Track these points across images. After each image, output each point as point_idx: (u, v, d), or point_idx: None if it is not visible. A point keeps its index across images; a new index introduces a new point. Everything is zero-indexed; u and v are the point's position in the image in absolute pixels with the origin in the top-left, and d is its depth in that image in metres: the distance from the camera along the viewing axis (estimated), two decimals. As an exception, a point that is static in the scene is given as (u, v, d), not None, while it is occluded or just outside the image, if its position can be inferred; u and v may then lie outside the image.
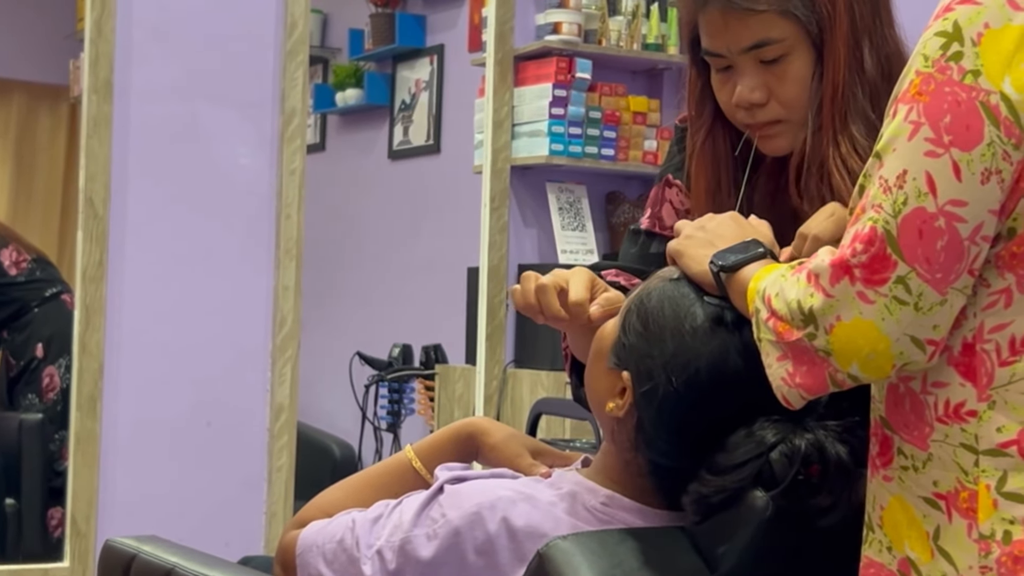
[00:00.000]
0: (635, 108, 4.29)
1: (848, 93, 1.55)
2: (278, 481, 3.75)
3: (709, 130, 1.66)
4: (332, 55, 6.19)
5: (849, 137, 1.55)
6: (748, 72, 1.57)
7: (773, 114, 1.58)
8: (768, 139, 1.61)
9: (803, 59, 1.56)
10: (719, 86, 1.61)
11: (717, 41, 1.58)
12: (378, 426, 5.22)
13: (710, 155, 1.66)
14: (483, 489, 1.46)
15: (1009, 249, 1.22)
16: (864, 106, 1.55)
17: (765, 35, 1.54)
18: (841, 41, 1.54)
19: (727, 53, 1.57)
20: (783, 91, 1.57)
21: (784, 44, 1.55)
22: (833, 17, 1.54)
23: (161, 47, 3.63)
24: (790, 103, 1.57)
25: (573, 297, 1.52)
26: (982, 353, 1.24)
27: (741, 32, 1.55)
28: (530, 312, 1.55)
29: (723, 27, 1.56)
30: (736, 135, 1.65)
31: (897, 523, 1.29)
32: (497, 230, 4.20)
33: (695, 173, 1.68)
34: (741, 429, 1.37)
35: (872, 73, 1.56)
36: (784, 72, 1.56)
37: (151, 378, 3.61)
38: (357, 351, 5.33)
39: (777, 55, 1.55)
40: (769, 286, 1.30)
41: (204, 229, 3.68)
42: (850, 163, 1.54)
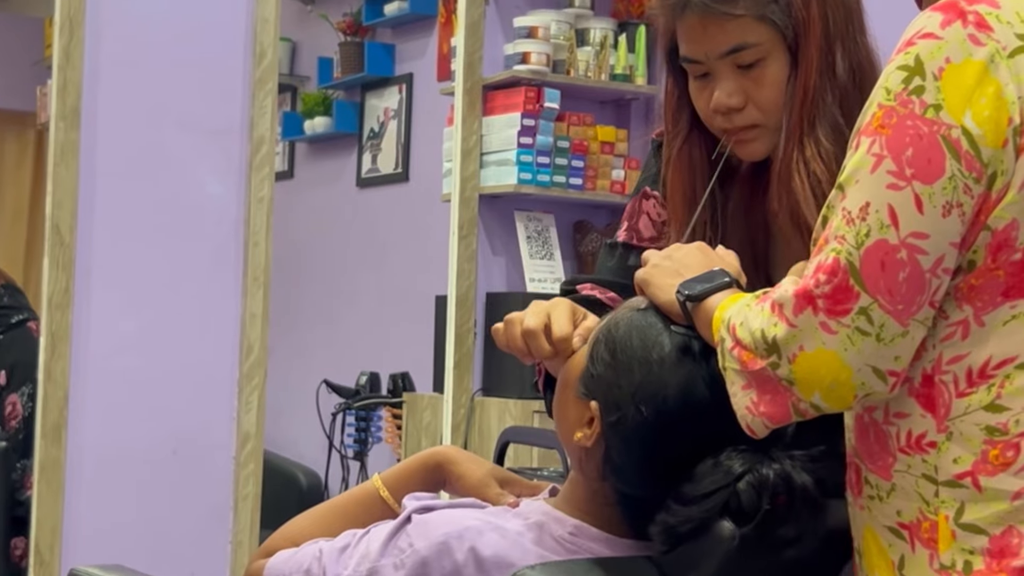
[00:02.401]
0: (603, 138, 4.31)
1: (818, 97, 1.57)
2: (244, 510, 3.73)
3: (686, 138, 1.68)
4: (301, 83, 6.19)
5: (815, 140, 1.57)
6: (725, 77, 1.59)
7: (750, 119, 1.60)
8: (745, 144, 1.63)
9: (779, 63, 1.58)
10: (697, 93, 1.63)
11: (695, 47, 1.60)
12: (345, 454, 5.20)
13: (687, 163, 1.68)
14: (451, 519, 1.46)
15: (968, 281, 1.24)
16: (833, 110, 1.58)
17: (742, 40, 1.57)
18: (814, 46, 1.57)
19: (705, 59, 1.60)
20: (760, 95, 1.59)
21: (761, 48, 1.57)
22: (807, 22, 1.56)
23: (129, 75, 3.63)
24: (766, 107, 1.59)
25: (558, 333, 1.52)
26: (940, 384, 1.25)
27: (719, 37, 1.57)
28: (518, 355, 1.55)
29: (701, 32, 1.58)
30: (712, 144, 1.67)
31: (870, 551, 1.30)
32: (465, 258, 4.20)
33: (671, 180, 1.70)
34: (708, 459, 1.37)
35: (843, 78, 1.58)
36: (761, 77, 1.58)
37: (116, 406, 3.59)
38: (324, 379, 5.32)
39: (754, 60, 1.58)
40: (734, 315, 1.31)
41: (171, 257, 3.67)
42: (812, 166, 1.56)
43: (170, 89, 3.68)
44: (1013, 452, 1.23)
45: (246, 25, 3.75)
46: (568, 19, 4.30)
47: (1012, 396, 1.23)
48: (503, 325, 1.56)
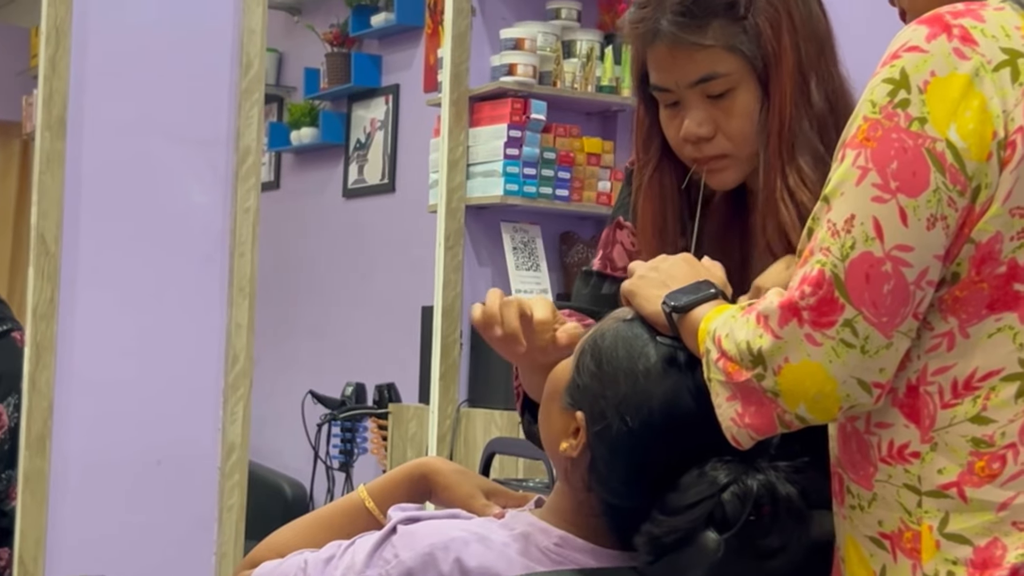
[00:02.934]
0: (589, 149, 4.32)
1: (795, 126, 1.57)
2: (229, 521, 3.72)
3: (656, 166, 1.69)
4: (287, 94, 6.20)
5: (796, 169, 1.57)
6: (695, 106, 1.60)
7: (720, 148, 1.61)
8: (715, 173, 1.63)
9: (749, 94, 1.58)
10: (667, 121, 1.64)
11: (665, 76, 1.60)
12: (330, 465, 5.20)
13: (657, 191, 1.69)
14: (436, 530, 1.46)
15: (952, 293, 1.24)
16: (812, 138, 1.58)
17: (712, 69, 1.57)
18: (787, 77, 1.57)
19: (675, 88, 1.60)
20: (729, 125, 1.59)
21: (730, 79, 1.58)
22: (779, 54, 1.57)
23: (115, 85, 3.62)
24: (736, 137, 1.60)
25: (539, 316, 1.52)
26: (925, 395, 1.26)
27: (688, 67, 1.58)
28: (489, 322, 1.54)
29: (671, 62, 1.59)
30: (683, 172, 1.67)
31: (851, 561, 1.31)
32: (451, 269, 4.21)
33: (642, 209, 1.70)
34: (693, 469, 1.38)
35: (819, 107, 1.59)
36: (730, 106, 1.59)
37: (101, 417, 3.58)
38: (310, 390, 5.31)
39: (723, 89, 1.58)
40: (719, 327, 1.31)
41: (157, 267, 3.67)
42: (798, 195, 1.57)
43: (156, 99, 3.67)
44: (999, 464, 1.23)
45: (233, 35, 3.75)
46: (554, 31, 4.31)
47: (997, 408, 1.24)
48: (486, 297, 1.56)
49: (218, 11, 3.74)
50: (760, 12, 1.57)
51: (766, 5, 1.57)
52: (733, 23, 1.57)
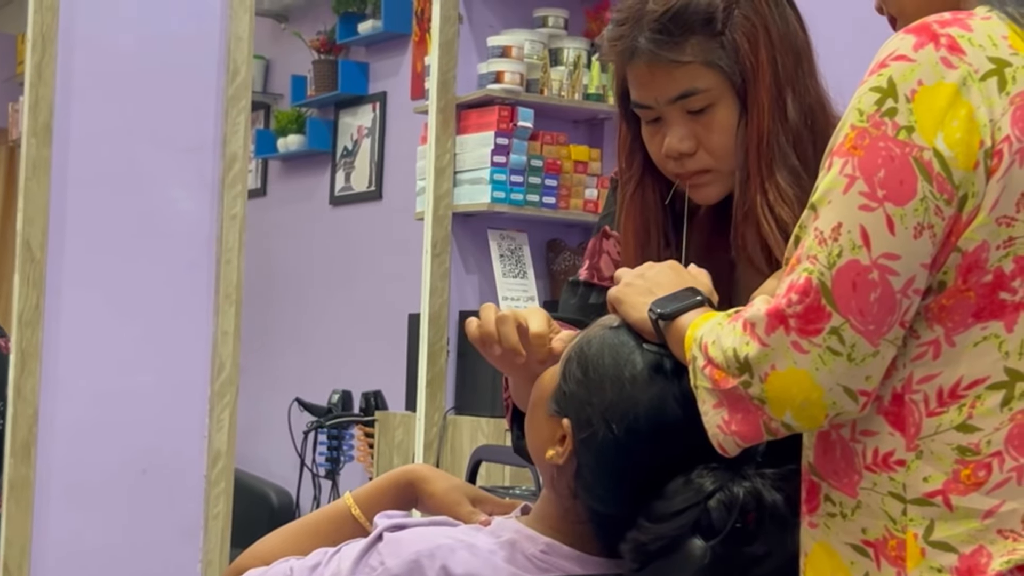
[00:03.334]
0: (576, 157, 4.33)
1: (772, 141, 1.58)
2: (215, 528, 3.71)
3: (639, 182, 1.69)
4: (274, 101, 6.19)
5: (775, 185, 1.58)
6: (676, 122, 1.60)
7: (702, 163, 1.61)
8: (698, 188, 1.64)
9: (728, 108, 1.59)
10: (649, 138, 1.64)
11: (645, 92, 1.61)
12: (316, 473, 5.19)
13: (639, 206, 1.69)
14: (422, 537, 1.46)
15: (939, 302, 1.25)
16: (788, 153, 1.59)
17: (690, 85, 1.58)
18: (764, 91, 1.57)
19: (655, 104, 1.61)
20: (710, 140, 1.60)
21: (710, 94, 1.58)
22: (756, 68, 1.57)
23: (102, 91, 3.62)
24: (717, 152, 1.60)
25: (535, 329, 1.52)
26: (911, 403, 1.26)
27: (667, 83, 1.58)
28: (487, 342, 1.54)
29: (650, 79, 1.60)
30: (666, 187, 1.68)
31: (820, 569, 1.30)
32: (438, 277, 4.21)
33: (624, 224, 1.71)
34: (679, 477, 1.38)
35: (795, 121, 1.59)
36: (710, 122, 1.59)
37: (87, 424, 3.58)
38: (296, 397, 5.31)
39: (703, 105, 1.59)
40: (706, 334, 1.31)
41: (143, 274, 3.66)
42: (777, 210, 1.57)
43: (143, 106, 3.67)
44: (985, 472, 1.24)
45: (220, 42, 3.75)
46: (542, 39, 4.32)
47: (983, 416, 1.24)
48: (480, 313, 1.56)
49: (205, 18, 3.74)
50: (737, 27, 1.57)
51: (743, 20, 1.58)
52: (711, 39, 1.57)
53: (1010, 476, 1.24)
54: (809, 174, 1.57)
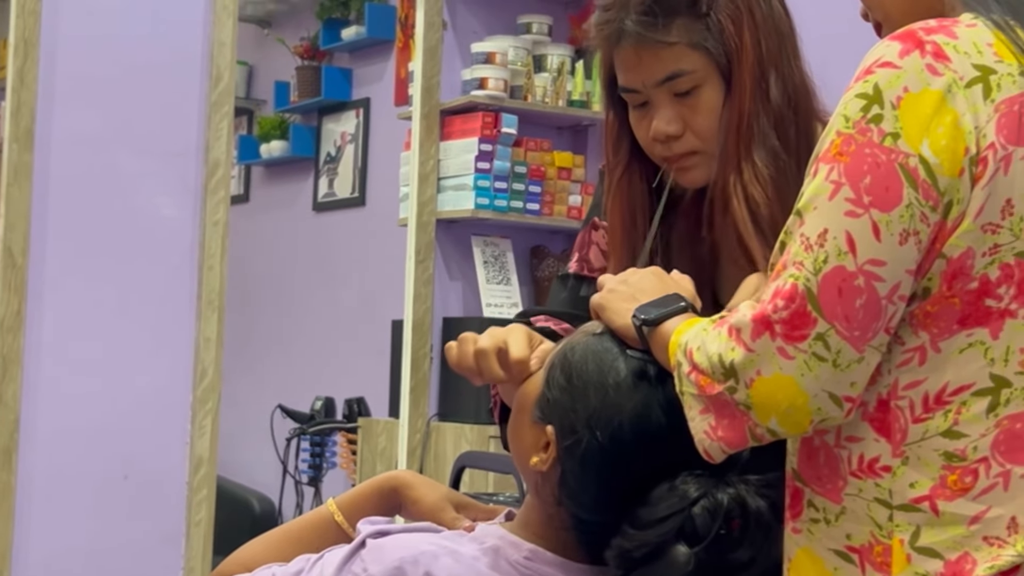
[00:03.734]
0: (560, 163, 4.33)
1: (753, 122, 1.59)
2: (196, 535, 3.70)
3: (626, 167, 1.70)
4: (257, 107, 6.19)
5: (751, 164, 1.59)
6: (663, 105, 1.61)
7: (689, 145, 1.62)
8: (685, 171, 1.64)
9: (714, 90, 1.60)
10: (636, 122, 1.65)
11: (632, 76, 1.62)
12: (299, 480, 5.18)
13: (626, 192, 1.70)
14: (406, 543, 1.45)
15: (923, 308, 1.25)
16: (768, 134, 1.60)
17: (677, 67, 1.59)
18: (748, 72, 1.59)
19: (642, 88, 1.62)
20: (697, 122, 1.61)
21: (696, 76, 1.59)
22: (740, 49, 1.59)
23: (84, 97, 3.61)
24: (704, 134, 1.61)
25: (516, 355, 1.52)
26: (896, 409, 1.26)
27: (654, 65, 1.60)
28: (467, 374, 1.55)
29: (637, 62, 1.61)
30: (652, 174, 1.69)
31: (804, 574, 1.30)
32: (422, 283, 4.20)
33: (611, 210, 1.71)
34: (664, 483, 1.37)
35: (778, 103, 1.60)
36: (697, 103, 1.60)
37: (68, 430, 3.56)
38: (279, 404, 5.29)
39: (690, 87, 1.60)
40: (691, 340, 1.31)
41: (125, 280, 3.65)
42: (750, 190, 1.58)
43: (125, 111, 3.66)
44: (971, 478, 1.24)
45: (203, 48, 3.74)
46: (526, 45, 4.32)
47: (969, 423, 1.24)
48: (457, 343, 1.56)
49: (188, 23, 3.74)
50: (721, 9, 1.59)
51: (727, 2, 1.59)
52: (696, 20, 1.59)
53: (996, 482, 1.24)
54: (790, 155, 1.59)
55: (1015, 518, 1.24)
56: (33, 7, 3.51)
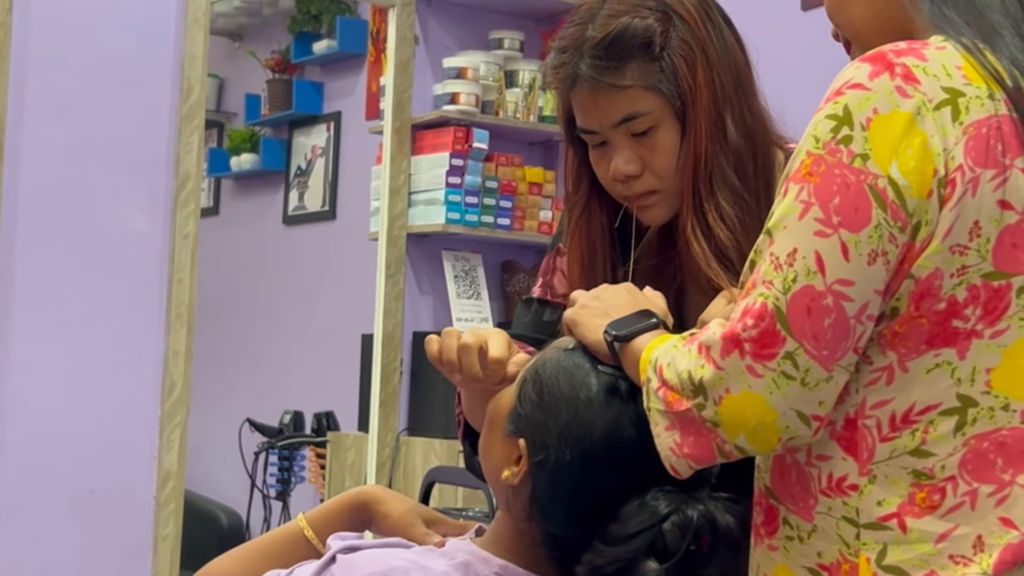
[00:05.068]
0: (531, 179, 4.34)
1: (711, 162, 1.60)
2: (164, 550, 3.68)
3: (585, 205, 1.71)
4: (228, 119, 6.17)
5: (715, 206, 1.60)
6: (621, 146, 1.62)
7: (648, 185, 1.63)
8: (645, 209, 1.66)
9: (671, 130, 1.61)
10: (596, 161, 1.67)
11: (589, 118, 1.64)
12: (267, 494, 5.16)
13: (585, 230, 1.71)
14: (376, 559, 1.45)
15: (892, 328, 1.26)
16: (728, 174, 1.61)
17: (632, 109, 1.60)
18: (702, 114, 1.60)
19: (600, 129, 1.63)
20: (655, 162, 1.62)
21: (652, 117, 1.61)
22: (694, 91, 1.60)
23: (54, 109, 3.59)
24: (662, 173, 1.62)
25: (494, 354, 1.52)
26: (863, 428, 1.27)
27: (610, 108, 1.61)
28: (447, 368, 1.55)
29: (593, 104, 1.62)
30: (613, 210, 1.70)
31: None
32: (392, 297, 4.20)
33: (571, 247, 1.73)
34: (634, 499, 1.38)
35: (735, 142, 1.61)
36: (654, 144, 1.62)
37: (35, 443, 3.54)
38: (247, 417, 5.27)
39: (646, 127, 1.61)
40: (661, 356, 1.32)
41: (94, 293, 3.63)
42: (716, 231, 1.59)
43: (95, 124, 3.65)
44: (939, 496, 1.25)
45: (173, 61, 3.73)
46: (497, 60, 4.34)
47: (936, 442, 1.25)
48: (440, 337, 1.56)
49: (158, 36, 3.73)
50: (675, 50, 1.60)
51: (680, 43, 1.60)
52: (650, 62, 1.60)
53: (964, 500, 1.25)
54: (750, 194, 1.60)
55: (981, 537, 1.25)
56: (3, 20, 3.50)
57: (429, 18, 4.36)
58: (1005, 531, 1.24)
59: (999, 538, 1.24)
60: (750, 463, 1.35)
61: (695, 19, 1.61)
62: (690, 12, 1.61)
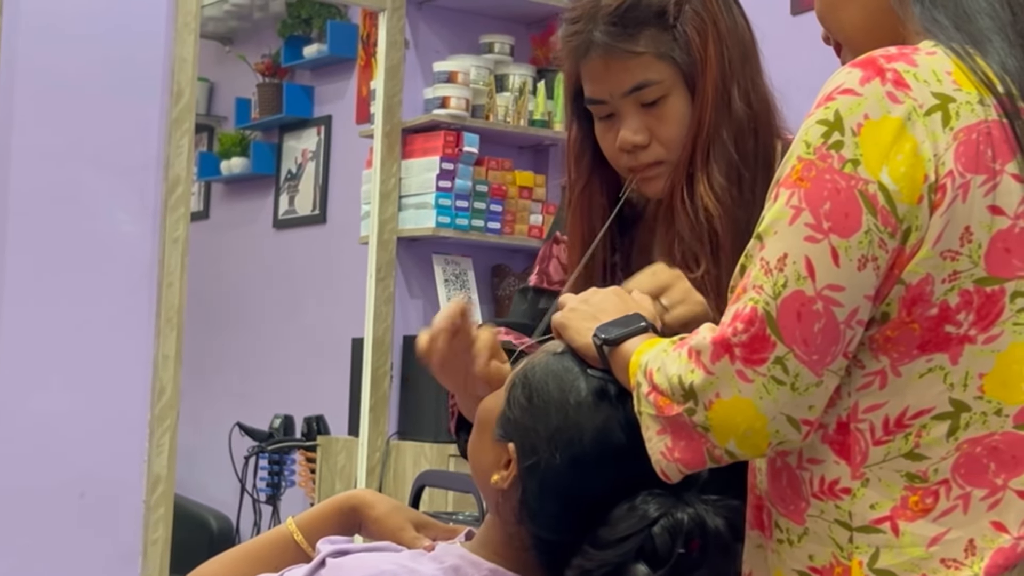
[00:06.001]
0: (521, 182, 4.34)
1: (713, 132, 1.62)
2: (153, 554, 3.67)
3: (587, 182, 1.72)
4: (218, 123, 6.17)
5: (707, 174, 1.62)
6: (630, 115, 1.64)
7: (654, 155, 1.65)
8: (649, 181, 1.67)
9: (681, 100, 1.63)
10: (602, 133, 1.68)
11: (600, 87, 1.65)
12: (257, 498, 5.15)
13: (587, 206, 1.72)
14: (365, 563, 1.45)
15: (883, 333, 1.26)
16: (727, 145, 1.62)
17: (644, 77, 1.62)
18: (711, 83, 1.62)
19: (609, 98, 1.64)
20: (663, 132, 1.63)
21: (663, 85, 1.62)
22: (705, 60, 1.62)
23: (44, 112, 3.59)
24: (669, 144, 1.64)
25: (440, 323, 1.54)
26: (856, 432, 1.27)
27: (622, 76, 1.62)
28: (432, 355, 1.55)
29: (605, 72, 1.63)
30: (613, 189, 1.71)
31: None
32: (383, 301, 4.20)
33: (571, 224, 1.74)
34: (624, 503, 1.38)
35: (739, 115, 1.63)
36: (663, 113, 1.63)
37: (24, 447, 3.53)
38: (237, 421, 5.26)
39: (656, 96, 1.63)
40: (651, 360, 1.32)
41: (83, 296, 3.63)
42: (704, 200, 1.61)
43: (85, 127, 3.64)
44: (932, 499, 1.25)
45: (164, 64, 3.73)
46: (488, 65, 4.34)
47: (929, 446, 1.25)
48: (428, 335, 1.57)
49: (149, 40, 3.72)
50: (688, 20, 1.62)
51: (693, 15, 1.62)
52: (663, 31, 1.62)
53: (956, 504, 1.25)
54: (748, 168, 1.62)
55: (973, 541, 1.25)
56: (-7, 21, 3.50)
57: (419, 22, 4.36)
58: (997, 535, 1.25)
59: (991, 542, 1.25)
60: (740, 466, 1.35)
61: None
62: None
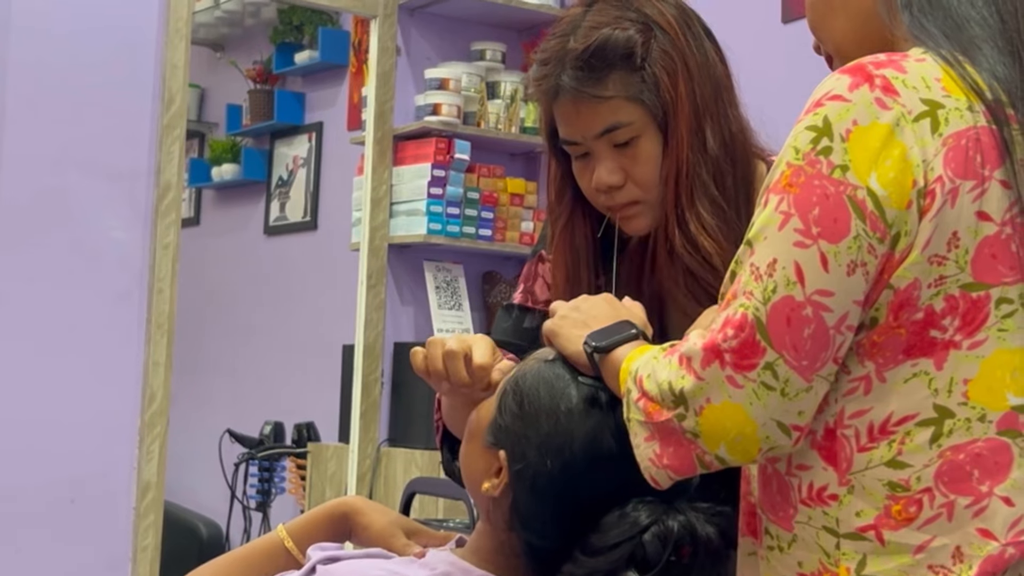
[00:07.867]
0: (512, 190, 4.35)
1: (692, 172, 1.61)
2: (143, 561, 3.66)
3: (569, 217, 1.72)
4: (209, 130, 6.16)
5: (696, 216, 1.61)
6: (604, 156, 1.63)
7: (630, 195, 1.64)
8: (629, 220, 1.66)
9: (653, 141, 1.62)
10: (579, 173, 1.67)
11: (572, 129, 1.64)
12: (247, 505, 5.14)
13: (569, 242, 1.72)
14: (356, 569, 1.45)
15: (870, 338, 1.26)
16: (708, 184, 1.62)
17: (614, 120, 1.61)
18: (683, 124, 1.61)
19: (582, 140, 1.64)
20: (637, 172, 1.63)
21: (634, 127, 1.61)
22: (676, 101, 1.61)
23: (34, 118, 3.58)
24: (644, 184, 1.63)
25: (479, 360, 1.52)
26: (842, 438, 1.27)
27: (592, 119, 1.62)
28: (434, 378, 1.55)
29: (575, 115, 1.63)
30: (596, 222, 1.71)
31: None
32: (373, 308, 4.20)
33: (555, 260, 1.73)
34: (615, 510, 1.38)
35: (715, 152, 1.62)
36: (636, 154, 1.62)
37: (13, 453, 3.52)
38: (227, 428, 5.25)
39: (628, 138, 1.62)
40: (641, 367, 1.32)
41: (74, 302, 3.62)
42: (699, 241, 1.60)
43: (76, 133, 3.64)
44: (915, 508, 1.25)
45: (155, 71, 3.72)
46: (479, 72, 4.34)
47: (912, 453, 1.26)
48: (425, 347, 1.56)
49: (140, 46, 3.72)
50: (656, 61, 1.61)
51: (661, 54, 1.61)
52: (631, 73, 1.61)
53: (940, 512, 1.25)
54: (729, 205, 1.61)
55: (960, 548, 1.25)
56: (-16, 27, 3.49)
57: (411, 29, 4.36)
58: (985, 542, 1.25)
59: (979, 549, 1.25)
60: (731, 472, 1.35)
61: (676, 31, 1.62)
62: (671, 24, 1.62)
